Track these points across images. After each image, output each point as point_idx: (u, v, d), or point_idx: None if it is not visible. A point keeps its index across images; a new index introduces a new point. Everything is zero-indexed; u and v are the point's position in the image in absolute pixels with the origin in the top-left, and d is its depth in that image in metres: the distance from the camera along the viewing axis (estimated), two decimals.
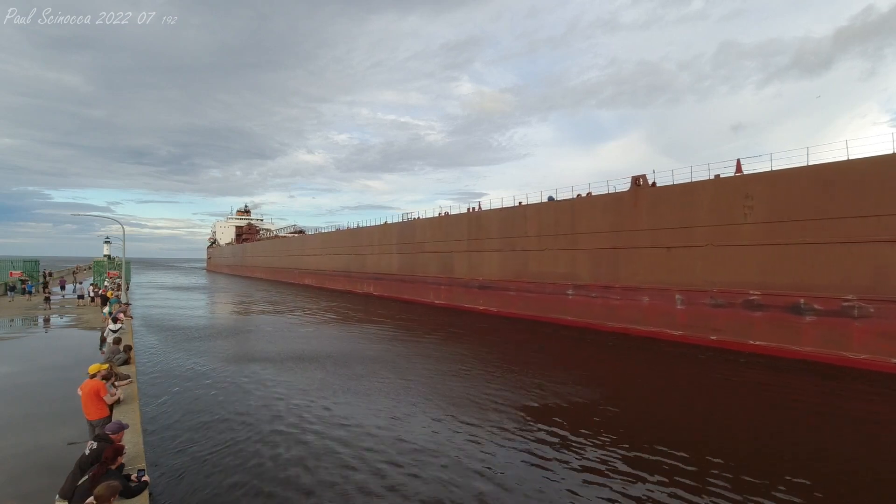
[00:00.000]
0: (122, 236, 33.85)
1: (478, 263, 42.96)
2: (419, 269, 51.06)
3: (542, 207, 36.98)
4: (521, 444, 12.54)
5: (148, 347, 25.34)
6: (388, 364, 21.89)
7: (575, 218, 34.07)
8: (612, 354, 24.92)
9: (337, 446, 12.18)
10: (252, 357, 23.22)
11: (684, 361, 22.95)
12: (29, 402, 12.65)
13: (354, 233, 67.31)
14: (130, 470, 6.83)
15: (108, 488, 5.39)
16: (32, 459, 9.10)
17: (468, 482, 10.34)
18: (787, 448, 12.45)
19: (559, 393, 17.31)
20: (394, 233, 56.49)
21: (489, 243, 41.65)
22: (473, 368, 21.20)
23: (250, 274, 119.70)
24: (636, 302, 29.67)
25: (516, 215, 39.12)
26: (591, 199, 33.46)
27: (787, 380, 19.36)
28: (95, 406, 9.23)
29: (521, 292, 38.28)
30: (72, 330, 25.25)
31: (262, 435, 12.80)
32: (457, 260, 45.56)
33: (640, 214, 29.69)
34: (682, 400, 17.33)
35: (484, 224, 42.43)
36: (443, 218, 48.43)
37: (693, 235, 26.83)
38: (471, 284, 43.59)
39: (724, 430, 13.85)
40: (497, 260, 40.83)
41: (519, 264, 38.60)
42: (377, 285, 59.50)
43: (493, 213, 41.74)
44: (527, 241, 37.89)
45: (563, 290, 34.56)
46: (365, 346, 26.76)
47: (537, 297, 36.73)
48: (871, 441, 13.26)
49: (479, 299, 42.45)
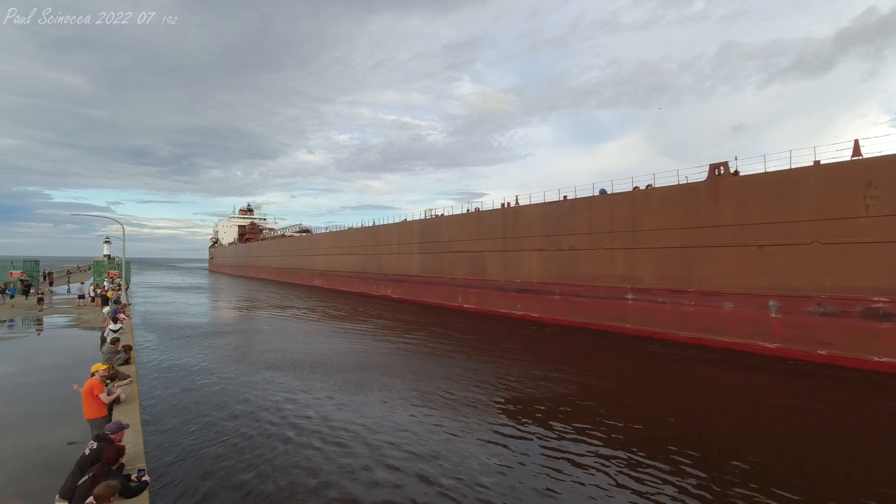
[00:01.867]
0: (122, 236, 33.33)
1: (515, 264, 39.04)
2: (445, 270, 47.11)
3: (595, 202, 33.06)
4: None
5: (148, 348, 24.92)
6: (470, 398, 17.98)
7: (636, 212, 30.16)
8: (709, 371, 20.96)
9: (346, 440, 12.08)
10: (273, 366, 19.41)
11: (811, 384, 19.02)
12: (29, 402, 12.53)
13: (370, 231, 63.29)
14: (130, 470, 6.76)
15: (107, 488, 5.41)
16: (33, 459, 9.02)
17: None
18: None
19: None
20: (415, 231, 52.53)
21: (529, 242, 37.72)
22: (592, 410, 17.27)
23: (255, 275, 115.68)
24: (716, 309, 25.75)
25: (563, 211, 35.20)
26: (656, 191, 29.54)
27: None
28: (91, 405, 9.10)
29: (567, 296, 34.35)
30: (72, 330, 24.88)
31: (264, 436, 12.64)
32: (490, 260, 41.62)
33: (722, 207, 25.78)
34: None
35: (523, 221, 38.51)
36: (473, 215, 44.49)
37: (794, 231, 22.92)
38: (507, 287, 39.65)
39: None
40: (538, 260, 36.91)
41: (565, 265, 34.68)
42: (396, 287, 55.52)
43: (534, 208, 37.82)
44: (575, 239, 33.97)
45: (621, 295, 30.63)
46: (391, 354, 22.86)
47: (588, 301, 32.81)
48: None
49: (518, 304, 38.51)
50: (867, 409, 15.85)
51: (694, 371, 21.17)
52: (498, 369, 20.77)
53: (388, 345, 26.77)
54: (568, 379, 19.21)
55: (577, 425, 13.81)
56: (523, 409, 15.30)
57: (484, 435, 13.05)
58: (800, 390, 18.19)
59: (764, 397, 17.16)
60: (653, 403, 16.39)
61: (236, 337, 29.43)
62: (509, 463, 11.27)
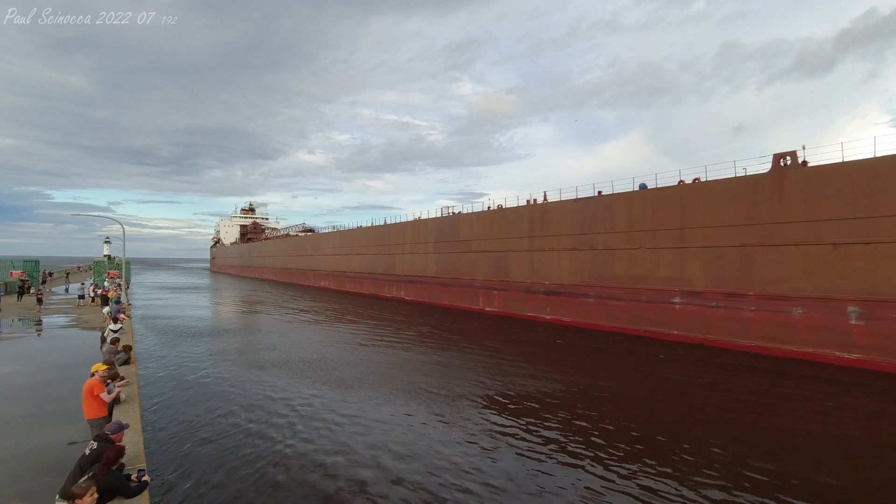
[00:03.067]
0: (122, 236, 33.06)
1: (543, 265, 36.51)
2: (464, 271, 44.58)
3: (635, 197, 30.54)
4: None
5: (149, 348, 24.87)
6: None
7: (684, 208, 27.64)
8: (797, 388, 18.40)
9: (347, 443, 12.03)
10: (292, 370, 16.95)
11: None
12: (29, 403, 12.41)
13: (381, 230, 60.75)
14: (130, 470, 6.75)
15: (80, 487, 5.29)
16: (33, 459, 8.92)
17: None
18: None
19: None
20: (431, 230, 50.00)
21: (559, 241, 35.20)
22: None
23: (258, 275, 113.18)
24: (782, 314, 23.21)
25: (598, 207, 32.68)
26: (707, 184, 27.01)
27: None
28: (90, 405, 9.00)
29: (603, 300, 31.83)
30: (72, 330, 24.67)
31: (266, 436, 12.59)
32: (514, 260, 39.10)
33: (789, 201, 23.26)
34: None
35: (552, 218, 35.99)
36: (495, 212, 41.95)
37: (880, 228, 20.40)
38: (534, 289, 37.12)
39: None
40: (570, 261, 34.38)
41: (600, 266, 32.16)
42: (409, 289, 52.98)
43: (565, 205, 35.30)
44: (612, 237, 31.46)
45: (667, 298, 28.10)
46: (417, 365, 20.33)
47: (628, 305, 30.28)
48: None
49: (546, 307, 35.97)
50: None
51: (774, 386, 18.61)
52: (564, 393, 18.22)
53: (423, 357, 24.23)
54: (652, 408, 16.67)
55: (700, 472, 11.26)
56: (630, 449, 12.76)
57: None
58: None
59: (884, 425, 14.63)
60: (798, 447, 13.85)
61: (240, 338, 26.96)
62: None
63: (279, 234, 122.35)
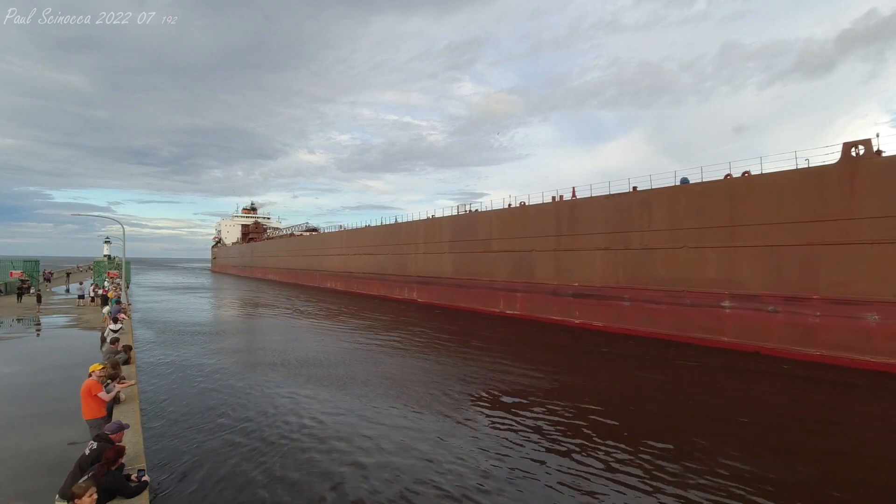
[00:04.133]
0: (122, 236, 32.67)
1: (571, 265, 34.25)
2: (483, 271, 42.29)
3: (678, 193, 28.29)
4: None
5: (149, 348, 24.71)
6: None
7: (735, 204, 25.38)
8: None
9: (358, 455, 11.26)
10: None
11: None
12: (30, 403, 12.26)
13: (392, 229, 58.44)
14: (130, 470, 6.66)
15: (80, 487, 5.27)
16: (33, 459, 8.83)
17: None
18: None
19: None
20: (446, 228, 47.71)
21: (590, 240, 32.94)
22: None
23: (261, 275, 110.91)
24: (854, 320, 20.95)
25: (634, 204, 30.42)
26: (761, 178, 24.76)
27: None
28: (89, 406, 8.91)
29: (640, 303, 29.56)
30: (71, 330, 24.45)
31: (265, 437, 12.42)
32: (539, 261, 36.83)
33: (862, 196, 21.01)
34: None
35: (582, 216, 33.73)
36: (517, 210, 39.67)
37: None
38: (561, 292, 34.85)
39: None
40: (602, 261, 32.12)
41: (636, 267, 29.90)
42: (423, 291, 50.68)
43: (596, 201, 33.04)
44: (651, 236, 29.20)
45: (715, 302, 25.84)
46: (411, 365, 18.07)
47: (669, 309, 28.00)
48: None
49: (575, 311, 33.70)
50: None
51: (867, 405, 16.35)
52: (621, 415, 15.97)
53: (450, 364, 21.97)
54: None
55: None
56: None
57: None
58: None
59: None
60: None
61: (245, 339, 24.71)
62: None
63: (281, 233, 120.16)
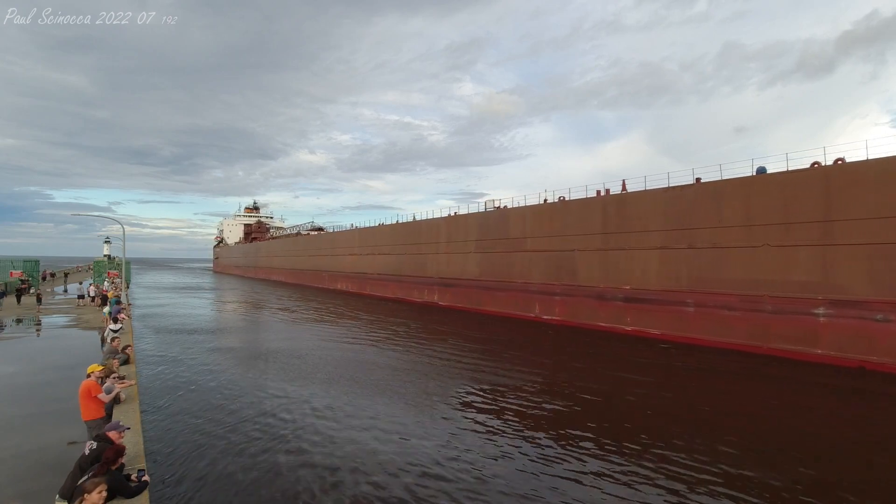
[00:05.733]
0: (122, 236, 32.71)
1: (621, 266, 30.90)
2: (515, 273, 38.93)
3: (756, 183, 24.94)
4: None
5: (149, 348, 24.60)
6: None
7: (830, 196, 22.07)
8: None
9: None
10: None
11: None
12: (30, 403, 12.17)
13: (409, 228, 55.03)
14: (130, 470, 6.63)
15: (92, 483, 5.30)
16: (33, 459, 8.74)
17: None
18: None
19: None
20: (471, 226, 44.34)
21: (643, 238, 29.60)
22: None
23: (266, 276, 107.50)
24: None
25: (699, 197, 27.09)
26: (863, 165, 21.44)
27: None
28: (88, 406, 8.80)
29: (708, 308, 26.20)
30: (71, 330, 24.20)
31: (265, 436, 12.31)
32: (582, 261, 33.49)
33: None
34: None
35: (633, 212, 30.38)
36: (556, 205, 36.30)
37: None
38: (608, 295, 31.50)
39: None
40: (659, 261, 28.79)
41: (702, 267, 26.57)
42: (445, 293, 47.28)
43: (650, 195, 29.70)
44: (721, 233, 25.87)
45: (806, 309, 22.49)
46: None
47: (745, 316, 24.65)
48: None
49: (626, 316, 30.33)
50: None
51: None
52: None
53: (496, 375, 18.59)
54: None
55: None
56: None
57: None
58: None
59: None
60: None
61: (281, 363, 21.40)
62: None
63: (285, 233, 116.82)
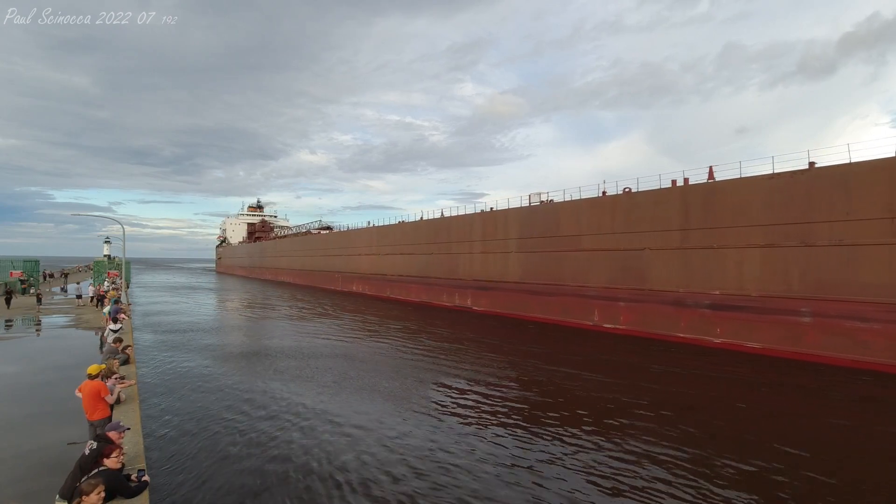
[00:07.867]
0: (122, 236, 32.35)
1: (707, 267, 26.41)
2: (568, 275, 34.42)
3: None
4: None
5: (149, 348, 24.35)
6: None
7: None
8: None
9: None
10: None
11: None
12: (30, 402, 12.02)
13: (436, 225, 50.42)
14: (130, 470, 6.61)
15: (89, 484, 5.25)
16: (33, 459, 8.65)
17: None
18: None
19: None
20: (512, 223, 39.83)
21: (739, 234, 25.13)
22: None
23: (272, 277, 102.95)
24: None
25: (818, 185, 22.64)
26: None
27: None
28: (97, 407, 8.77)
29: (833, 319, 21.71)
30: (71, 330, 23.95)
31: (265, 436, 12.34)
32: (653, 262, 29.01)
33: None
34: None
35: (725, 203, 25.89)
36: (620, 198, 31.75)
37: None
38: (689, 302, 27.01)
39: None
40: (760, 262, 24.32)
41: (825, 269, 22.10)
42: (480, 298, 42.73)
43: (751, 183, 25.16)
44: (852, 227, 21.40)
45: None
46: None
47: (885, 329, 20.19)
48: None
49: (715, 327, 25.84)
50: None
51: None
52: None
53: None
54: None
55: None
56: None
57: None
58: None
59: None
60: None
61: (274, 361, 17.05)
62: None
63: (290, 231, 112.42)
